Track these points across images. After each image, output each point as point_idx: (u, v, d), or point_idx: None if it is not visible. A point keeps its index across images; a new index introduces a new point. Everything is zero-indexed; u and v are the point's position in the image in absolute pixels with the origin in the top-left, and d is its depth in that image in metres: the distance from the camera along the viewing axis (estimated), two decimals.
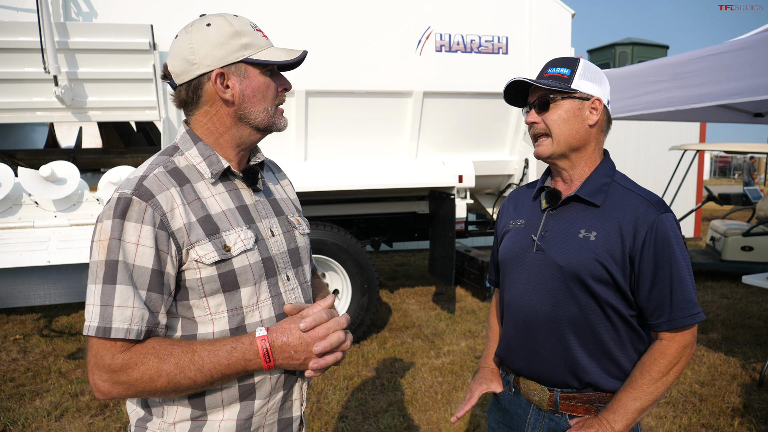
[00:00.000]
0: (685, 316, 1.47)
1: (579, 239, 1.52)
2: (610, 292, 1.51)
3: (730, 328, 5.85)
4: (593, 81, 1.56)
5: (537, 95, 1.57)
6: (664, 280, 1.47)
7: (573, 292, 1.52)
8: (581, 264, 1.50)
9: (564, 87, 1.52)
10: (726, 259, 7.84)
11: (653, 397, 1.48)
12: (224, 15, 1.31)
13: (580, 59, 1.57)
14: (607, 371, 1.54)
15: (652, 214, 1.48)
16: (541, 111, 1.56)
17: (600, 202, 1.54)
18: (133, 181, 1.24)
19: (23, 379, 4.54)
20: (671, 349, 1.49)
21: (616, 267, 1.48)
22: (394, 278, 8.20)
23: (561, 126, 1.54)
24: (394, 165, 5.47)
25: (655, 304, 1.49)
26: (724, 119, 5.01)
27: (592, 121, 1.55)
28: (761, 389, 4.33)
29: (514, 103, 1.66)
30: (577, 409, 1.57)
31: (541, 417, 1.63)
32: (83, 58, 4.34)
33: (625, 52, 11.72)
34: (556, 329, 1.56)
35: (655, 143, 10.86)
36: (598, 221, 1.52)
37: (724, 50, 3.23)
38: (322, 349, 1.25)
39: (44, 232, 4.32)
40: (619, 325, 1.53)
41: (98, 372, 1.19)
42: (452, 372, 4.67)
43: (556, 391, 1.59)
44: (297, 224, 1.50)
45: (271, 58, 1.31)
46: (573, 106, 1.54)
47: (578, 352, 1.54)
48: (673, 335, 1.50)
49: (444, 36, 5.22)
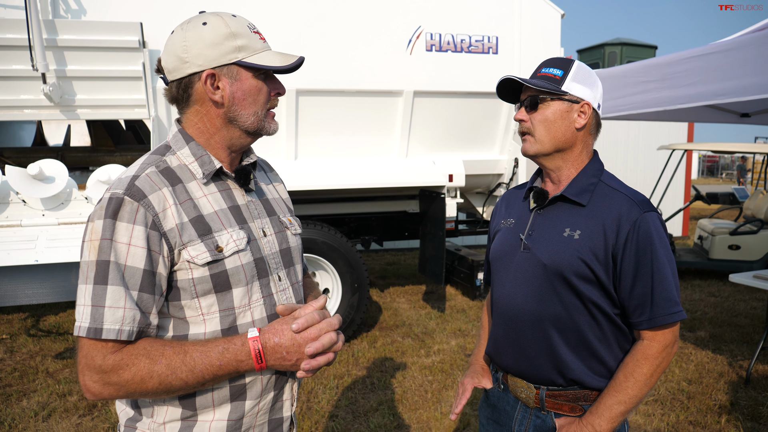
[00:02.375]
0: (665, 314, 1.49)
1: (563, 238, 1.54)
2: (593, 290, 1.52)
3: (718, 326, 5.90)
4: (585, 84, 1.57)
5: (528, 94, 1.59)
6: (646, 279, 1.49)
7: (557, 290, 1.54)
8: (564, 262, 1.52)
9: (553, 88, 1.53)
10: (713, 258, 7.91)
11: (637, 399, 1.50)
12: (222, 15, 1.29)
13: (575, 62, 1.58)
14: (592, 369, 1.56)
15: (635, 213, 1.50)
16: (530, 110, 1.58)
17: (585, 202, 1.56)
18: (124, 181, 1.23)
19: (10, 380, 4.50)
20: (653, 350, 1.50)
21: (598, 265, 1.50)
22: (385, 277, 8.20)
23: (547, 127, 1.56)
24: (384, 164, 5.47)
25: (637, 302, 1.51)
26: (711, 119, 5.06)
27: (580, 124, 1.57)
28: (748, 386, 4.38)
29: (507, 99, 1.68)
30: (562, 407, 1.59)
31: (528, 414, 1.65)
32: (72, 56, 4.31)
33: (614, 52, 11.79)
34: (540, 327, 1.57)
35: (643, 143, 10.93)
36: (582, 220, 1.54)
37: (712, 51, 3.26)
38: (314, 351, 1.25)
39: (32, 231, 4.28)
40: (603, 322, 1.55)
41: (89, 373, 1.18)
42: (442, 371, 4.68)
43: (542, 389, 1.60)
44: (289, 224, 1.50)
45: (265, 62, 1.29)
46: (561, 108, 1.55)
47: (562, 349, 1.55)
48: (654, 334, 1.51)
49: (434, 35, 5.23)
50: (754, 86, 2.97)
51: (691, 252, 8.53)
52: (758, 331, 5.64)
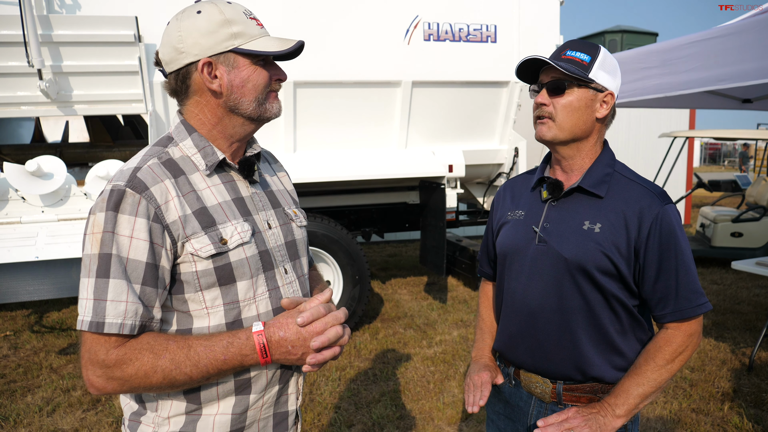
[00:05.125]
0: (691, 306, 1.47)
1: (583, 231, 1.50)
2: (614, 284, 1.50)
3: (720, 313, 5.90)
4: (610, 73, 1.51)
5: (551, 76, 1.50)
6: (669, 271, 1.47)
7: (578, 285, 1.51)
8: (587, 256, 1.48)
9: (582, 74, 1.47)
10: (716, 246, 7.90)
11: (656, 384, 1.48)
12: (217, 2, 1.27)
13: (601, 48, 1.51)
14: (612, 363, 1.53)
15: (657, 206, 1.47)
16: (553, 94, 1.50)
17: (603, 194, 1.51)
18: (126, 173, 1.21)
19: (14, 375, 4.51)
20: (677, 338, 1.49)
21: (621, 259, 1.47)
22: (386, 269, 8.20)
23: (570, 113, 1.50)
24: (383, 155, 5.45)
25: (660, 295, 1.49)
26: (713, 105, 5.03)
27: (601, 114, 1.52)
28: (750, 374, 4.38)
29: (524, 78, 1.59)
30: (580, 399, 1.56)
31: (544, 408, 1.61)
32: (67, 51, 4.28)
33: (615, 39, 11.74)
34: (561, 322, 1.54)
35: (644, 131, 10.91)
36: (602, 213, 1.50)
37: (712, 36, 3.23)
38: (319, 344, 1.23)
39: (32, 228, 4.28)
40: (622, 315, 1.52)
41: (92, 367, 1.17)
42: (444, 361, 4.68)
43: (558, 383, 1.57)
44: (294, 216, 1.48)
45: (262, 48, 1.27)
46: (586, 96, 1.49)
47: (584, 344, 1.52)
48: (678, 325, 1.49)
49: (432, 25, 5.19)
50: (756, 71, 2.94)
51: (693, 240, 8.52)
52: (761, 319, 5.64)
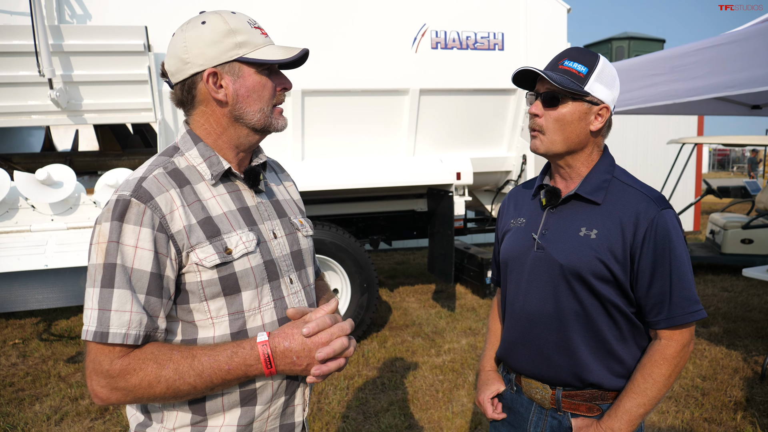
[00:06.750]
0: (684, 313, 1.46)
1: (580, 237, 1.51)
2: (611, 290, 1.49)
3: (731, 321, 5.84)
4: (607, 85, 1.50)
5: (546, 87, 1.50)
6: (664, 277, 1.46)
7: (575, 291, 1.51)
8: (582, 262, 1.48)
9: (577, 89, 1.45)
10: (726, 252, 7.83)
11: (656, 400, 1.47)
12: (221, 12, 1.28)
13: (600, 58, 1.49)
14: (610, 369, 1.53)
15: (653, 211, 1.46)
16: (547, 105, 1.50)
17: (600, 200, 1.52)
18: (132, 183, 1.22)
19: (23, 384, 4.52)
20: (671, 350, 1.48)
21: (617, 264, 1.47)
22: (394, 277, 8.18)
23: (562, 127, 1.49)
24: (391, 163, 5.45)
25: (654, 301, 1.48)
26: (721, 112, 5.00)
27: (595, 127, 1.51)
28: (763, 382, 4.33)
29: (521, 84, 1.58)
30: (579, 407, 1.56)
31: (544, 415, 1.62)
32: (78, 61, 4.32)
33: (622, 46, 11.70)
34: (558, 328, 1.54)
35: (653, 137, 10.85)
36: (598, 219, 1.50)
37: (721, 42, 3.21)
38: (324, 356, 1.23)
39: (41, 236, 4.30)
40: (620, 321, 1.52)
41: (96, 377, 1.17)
42: (453, 370, 4.66)
43: (558, 390, 1.58)
44: (300, 226, 1.47)
45: (267, 56, 1.27)
46: (580, 109, 1.48)
47: (582, 351, 1.52)
48: (671, 333, 1.48)
49: (440, 33, 5.20)
50: (765, 77, 2.92)
51: (703, 247, 8.45)
52: None
